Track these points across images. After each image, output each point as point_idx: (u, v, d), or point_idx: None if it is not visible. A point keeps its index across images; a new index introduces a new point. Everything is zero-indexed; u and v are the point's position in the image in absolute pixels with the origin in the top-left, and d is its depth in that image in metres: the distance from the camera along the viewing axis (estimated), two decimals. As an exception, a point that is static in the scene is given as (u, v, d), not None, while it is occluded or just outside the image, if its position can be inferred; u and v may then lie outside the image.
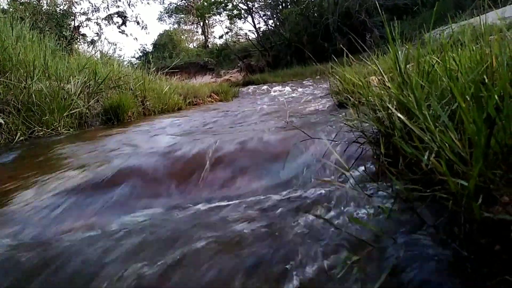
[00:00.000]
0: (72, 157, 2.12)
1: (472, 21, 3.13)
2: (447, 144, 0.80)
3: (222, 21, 26.17)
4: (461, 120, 0.82)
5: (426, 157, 0.80)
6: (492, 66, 0.96)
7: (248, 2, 20.71)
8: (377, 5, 13.53)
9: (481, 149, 0.69)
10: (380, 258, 0.77)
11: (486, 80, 0.84)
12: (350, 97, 1.88)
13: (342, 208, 1.03)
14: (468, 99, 0.81)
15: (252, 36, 22.92)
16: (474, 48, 1.31)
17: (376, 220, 0.93)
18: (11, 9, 9.16)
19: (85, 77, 4.18)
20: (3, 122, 2.92)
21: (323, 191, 1.18)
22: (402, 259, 0.75)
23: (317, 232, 0.92)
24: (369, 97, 1.41)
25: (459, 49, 1.41)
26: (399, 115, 0.98)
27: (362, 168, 1.36)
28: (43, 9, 11.78)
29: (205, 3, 22.09)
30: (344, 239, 0.86)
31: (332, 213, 1.02)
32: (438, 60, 1.21)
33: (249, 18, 21.75)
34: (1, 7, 5.34)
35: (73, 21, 13.05)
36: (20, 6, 10.59)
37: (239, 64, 21.62)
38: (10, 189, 1.58)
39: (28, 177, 1.72)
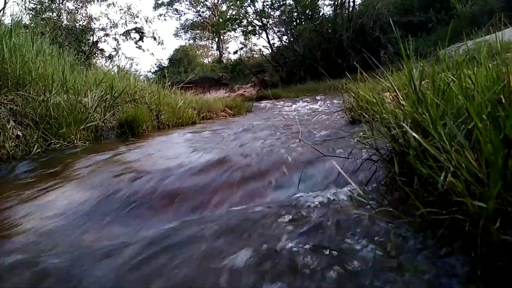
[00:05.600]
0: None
1: (488, 38, 3.10)
2: (463, 165, 0.78)
3: (236, 37, 26.44)
4: (477, 140, 0.80)
5: (442, 178, 0.79)
6: (509, 85, 0.95)
7: (263, 19, 20.95)
8: (391, 21, 13.54)
9: (498, 170, 0.68)
10: (397, 281, 0.75)
11: (503, 100, 0.82)
12: (364, 114, 1.87)
13: (357, 229, 1.01)
14: (485, 118, 0.80)
15: (266, 51, 23.11)
16: (490, 66, 1.30)
17: (392, 242, 0.91)
18: (32, 25, 9.46)
19: (102, 91, 4.25)
20: (21, 134, 2.99)
21: (335, 210, 1.17)
22: (416, 281, 0.73)
23: (334, 252, 0.91)
24: (383, 114, 1.40)
25: (475, 67, 1.40)
26: (413, 133, 0.97)
27: (376, 186, 1.34)
28: (63, 24, 12.14)
29: (221, 20, 22.44)
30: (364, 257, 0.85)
31: (347, 233, 1.00)
32: (454, 78, 1.20)
33: (264, 34, 21.96)
34: (23, 22, 5.55)
35: (91, 37, 13.41)
36: (41, 22, 10.94)
37: (253, 79, 21.77)
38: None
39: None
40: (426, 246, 0.85)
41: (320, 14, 20.54)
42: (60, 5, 12.46)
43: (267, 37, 21.92)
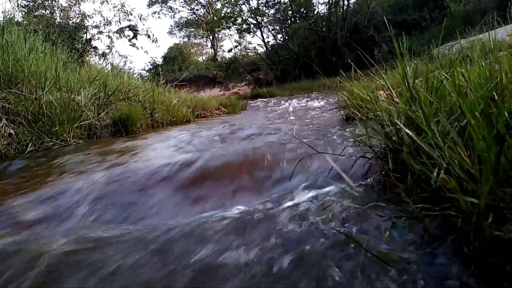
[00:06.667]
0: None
1: (481, 37, 3.12)
2: (456, 161, 0.79)
3: (231, 35, 26.41)
4: (470, 136, 0.81)
5: (435, 174, 0.79)
6: (501, 82, 0.96)
7: (258, 17, 20.93)
8: (386, 20, 13.57)
9: (491, 166, 0.68)
10: (389, 276, 0.76)
11: (496, 97, 0.83)
12: (358, 112, 1.87)
13: (350, 225, 1.02)
14: (478, 115, 0.80)
15: (261, 50, 23.12)
16: (483, 64, 1.30)
17: (385, 238, 0.91)
18: (25, 22, 9.36)
19: (95, 89, 4.22)
20: (13, 132, 2.96)
21: (329, 206, 1.17)
22: (410, 279, 0.73)
23: (327, 247, 0.91)
24: (377, 112, 1.41)
25: (468, 65, 1.41)
26: (407, 130, 0.97)
27: (370, 183, 1.35)
28: (56, 22, 12.03)
29: (215, 18, 22.36)
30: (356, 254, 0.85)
31: (341, 230, 1.00)
32: (447, 75, 1.21)
33: (258, 32, 21.94)
34: (16, 20, 5.49)
35: (85, 34, 13.29)
36: (34, 19, 10.83)
37: (247, 78, 21.76)
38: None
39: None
40: (419, 241, 0.86)
41: (315, 12, 20.56)
42: (53, 2, 12.34)
43: (262, 35, 21.92)
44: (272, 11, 21.40)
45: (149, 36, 15.50)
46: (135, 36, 15.24)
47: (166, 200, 1.53)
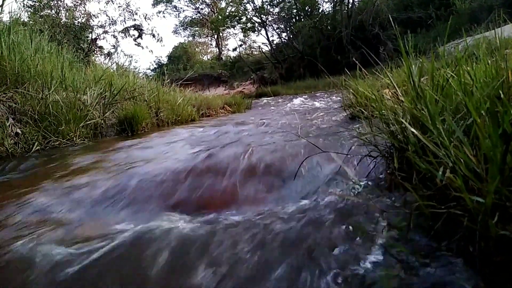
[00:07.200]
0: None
1: (487, 34, 3.10)
2: (462, 160, 0.78)
3: (236, 34, 26.58)
4: (476, 135, 0.80)
5: (440, 173, 0.79)
6: (508, 80, 0.95)
7: (262, 16, 20.95)
8: (391, 18, 13.52)
9: (497, 165, 0.68)
10: (395, 274, 0.76)
11: (502, 95, 0.83)
12: (363, 110, 1.87)
13: (357, 224, 1.02)
14: (484, 114, 0.80)
15: (266, 48, 23.21)
16: (489, 62, 1.30)
17: (391, 236, 0.91)
18: (31, 22, 9.42)
19: (101, 89, 4.25)
20: (20, 131, 2.98)
21: (335, 205, 1.17)
22: (416, 276, 0.73)
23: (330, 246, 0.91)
24: (382, 111, 1.40)
25: (474, 63, 1.40)
26: (412, 129, 0.97)
27: (375, 181, 1.34)
28: (61, 21, 12.09)
29: (220, 17, 22.43)
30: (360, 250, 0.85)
31: (348, 228, 1.01)
32: (453, 74, 1.20)
33: (263, 31, 22.00)
34: (22, 20, 5.52)
35: (90, 34, 13.34)
36: (40, 19, 10.90)
37: (252, 76, 21.79)
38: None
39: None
40: (424, 240, 0.86)
41: (320, 10, 20.57)
42: (59, 2, 12.40)
43: (266, 34, 21.96)
44: (276, 9, 21.46)
45: (154, 36, 15.55)
46: (140, 36, 15.28)
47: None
